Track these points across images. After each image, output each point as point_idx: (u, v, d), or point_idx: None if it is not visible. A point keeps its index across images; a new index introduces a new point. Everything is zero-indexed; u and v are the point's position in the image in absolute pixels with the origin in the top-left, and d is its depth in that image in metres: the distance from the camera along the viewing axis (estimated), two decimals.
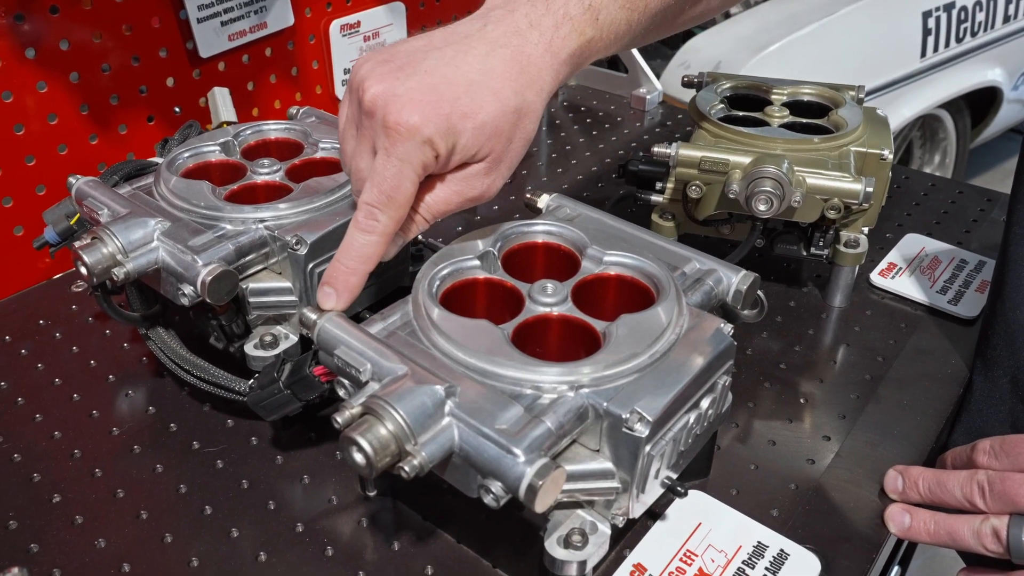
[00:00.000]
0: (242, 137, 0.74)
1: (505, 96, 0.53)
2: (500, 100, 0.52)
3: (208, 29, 0.92)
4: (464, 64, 0.52)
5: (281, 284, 0.64)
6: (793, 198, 0.70)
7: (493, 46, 0.53)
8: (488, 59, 0.53)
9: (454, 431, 0.48)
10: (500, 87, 0.52)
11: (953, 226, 0.95)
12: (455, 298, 0.58)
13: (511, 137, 0.54)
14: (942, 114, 2.40)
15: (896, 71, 2.10)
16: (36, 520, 0.60)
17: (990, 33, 2.28)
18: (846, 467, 0.65)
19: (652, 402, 0.49)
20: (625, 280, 0.59)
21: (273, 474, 0.64)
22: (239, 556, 0.58)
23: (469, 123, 0.52)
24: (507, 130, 0.54)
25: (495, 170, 0.56)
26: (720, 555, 0.57)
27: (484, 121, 0.52)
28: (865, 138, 0.78)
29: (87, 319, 0.81)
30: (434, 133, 0.51)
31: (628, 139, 1.16)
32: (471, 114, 0.52)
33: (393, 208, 0.53)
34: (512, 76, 0.53)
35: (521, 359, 0.51)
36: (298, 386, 0.59)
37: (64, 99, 0.85)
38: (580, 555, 0.50)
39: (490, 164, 0.55)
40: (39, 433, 0.68)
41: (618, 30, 0.57)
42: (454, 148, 0.53)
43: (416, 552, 0.58)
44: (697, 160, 0.75)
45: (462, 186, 0.55)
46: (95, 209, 0.66)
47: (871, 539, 0.59)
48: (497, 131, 0.53)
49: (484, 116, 0.52)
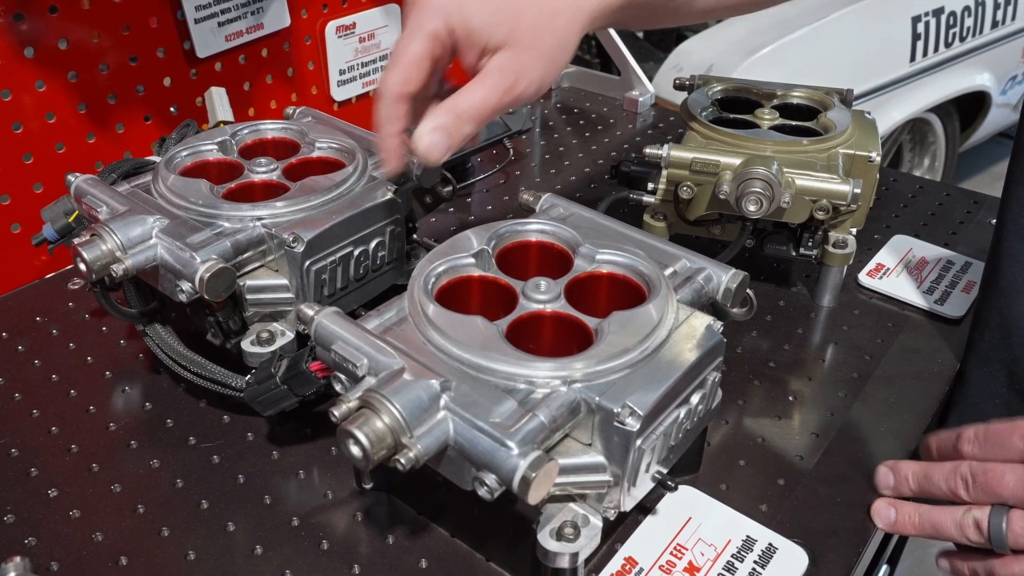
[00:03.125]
0: (239, 136, 0.75)
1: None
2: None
3: (205, 29, 0.93)
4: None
5: (278, 281, 0.65)
6: (782, 199, 0.72)
7: None
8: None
9: (449, 424, 0.49)
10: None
11: (940, 228, 0.97)
12: (450, 295, 0.59)
13: (537, 25, 0.55)
14: (931, 118, 2.42)
15: (886, 75, 2.12)
16: (33, 514, 0.61)
17: (979, 38, 2.30)
18: (834, 463, 0.66)
19: (643, 397, 0.50)
20: (617, 278, 0.60)
21: (269, 469, 0.65)
22: (235, 549, 0.59)
23: (486, 3, 0.54)
24: (531, 15, 0.55)
25: (523, 58, 0.55)
26: (710, 549, 0.58)
27: (501, 3, 0.54)
28: (853, 140, 0.79)
29: (84, 316, 0.81)
30: (448, 3, 0.54)
31: (621, 141, 1.17)
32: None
33: (393, 67, 0.56)
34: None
35: (515, 354, 0.51)
36: (294, 381, 0.60)
37: (62, 98, 0.85)
38: (572, 547, 0.51)
39: (517, 51, 0.55)
40: (36, 428, 0.68)
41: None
42: (469, 27, 0.54)
43: (410, 546, 0.59)
44: (688, 161, 0.76)
45: (495, 78, 0.55)
46: (94, 206, 0.66)
47: (858, 533, 0.61)
48: (516, 14, 0.54)
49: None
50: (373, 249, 0.68)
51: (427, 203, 0.76)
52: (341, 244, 0.65)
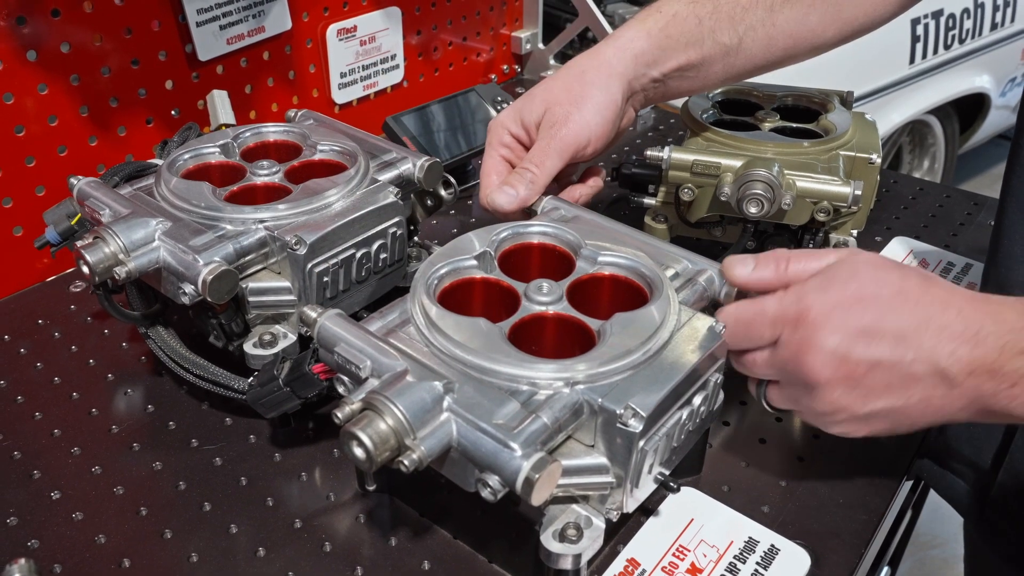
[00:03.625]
0: (241, 139, 0.75)
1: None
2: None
3: (207, 33, 0.93)
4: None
5: (280, 284, 0.65)
6: (783, 201, 0.72)
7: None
8: None
9: (452, 426, 0.49)
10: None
11: (940, 229, 0.97)
12: (453, 297, 0.59)
13: (574, 94, 0.72)
14: (931, 120, 2.42)
15: (886, 77, 2.12)
16: (36, 516, 0.61)
17: (977, 40, 2.31)
18: (835, 465, 0.66)
19: (646, 398, 0.50)
20: (619, 280, 0.61)
21: (271, 471, 0.65)
22: (238, 551, 0.59)
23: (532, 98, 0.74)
24: (565, 89, 0.72)
25: (565, 113, 0.72)
26: (712, 550, 0.58)
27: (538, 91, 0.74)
28: (854, 142, 0.79)
29: (86, 319, 0.82)
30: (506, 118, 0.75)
31: (622, 143, 1.17)
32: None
33: (483, 180, 0.74)
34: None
35: (518, 356, 0.52)
36: (297, 383, 0.60)
37: (64, 101, 0.86)
38: (575, 548, 0.51)
39: (559, 114, 0.72)
40: (39, 431, 0.69)
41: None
42: (522, 120, 0.74)
43: (413, 547, 0.59)
44: (689, 163, 0.76)
45: (545, 134, 0.72)
46: (97, 209, 0.66)
47: (860, 534, 0.61)
48: (555, 94, 0.73)
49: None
50: (375, 251, 0.68)
51: (429, 205, 0.76)
52: (343, 246, 0.66)
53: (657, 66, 0.73)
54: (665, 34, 0.73)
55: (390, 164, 0.73)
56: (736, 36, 0.73)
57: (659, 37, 0.73)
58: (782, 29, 0.74)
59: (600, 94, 0.71)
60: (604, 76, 0.72)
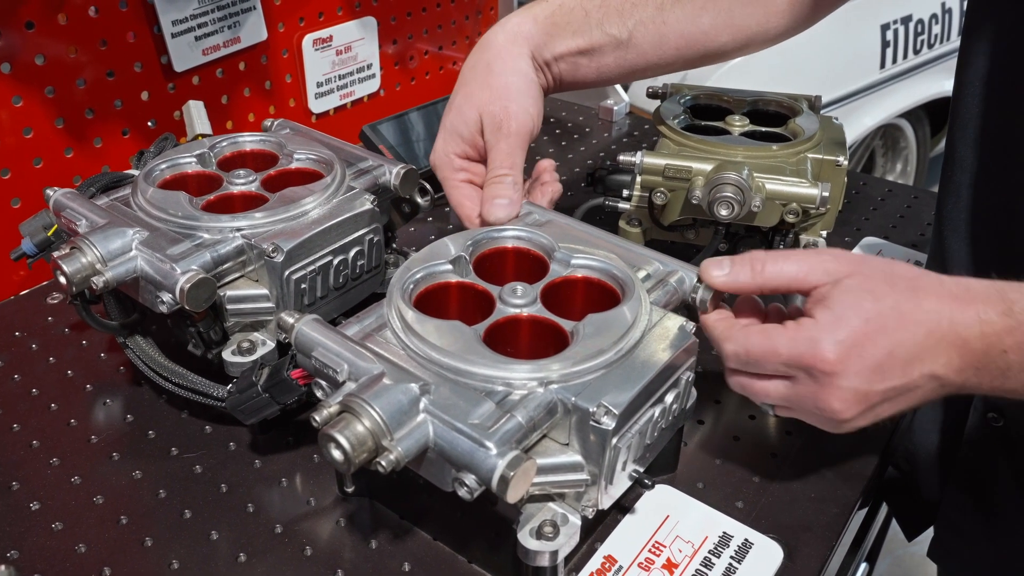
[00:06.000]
0: (218, 149, 0.76)
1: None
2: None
3: (182, 44, 0.94)
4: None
5: (258, 291, 0.65)
6: (753, 203, 0.73)
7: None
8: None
9: (429, 427, 0.50)
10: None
11: (909, 229, 0.99)
12: (429, 301, 0.60)
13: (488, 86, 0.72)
14: (902, 123, 2.46)
15: (857, 82, 2.15)
16: (16, 527, 0.61)
17: (946, 45, 2.35)
18: (807, 461, 0.68)
19: (618, 396, 0.51)
20: (592, 282, 0.62)
21: (251, 478, 0.66)
22: (219, 558, 0.59)
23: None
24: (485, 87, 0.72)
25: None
26: (687, 545, 0.59)
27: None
28: (821, 145, 0.81)
29: (63, 330, 0.82)
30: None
31: (597, 149, 1.19)
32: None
33: (459, 212, 0.73)
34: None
35: (492, 357, 0.53)
36: (276, 389, 0.60)
37: (39, 113, 0.86)
38: (552, 545, 0.52)
39: (497, 112, 0.72)
40: (17, 442, 0.69)
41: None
42: (461, 138, 0.73)
43: (393, 550, 0.60)
44: (661, 168, 0.77)
45: (497, 136, 0.72)
46: (73, 220, 0.67)
47: (831, 528, 0.62)
48: (480, 97, 0.72)
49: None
50: (352, 258, 0.69)
51: (405, 212, 0.77)
52: (320, 253, 0.66)
53: (547, 48, 0.74)
54: (551, 21, 0.74)
55: (366, 172, 0.74)
56: (626, 29, 0.74)
57: (545, 24, 0.73)
58: (673, 28, 0.75)
59: (517, 79, 0.72)
60: (510, 61, 0.72)
